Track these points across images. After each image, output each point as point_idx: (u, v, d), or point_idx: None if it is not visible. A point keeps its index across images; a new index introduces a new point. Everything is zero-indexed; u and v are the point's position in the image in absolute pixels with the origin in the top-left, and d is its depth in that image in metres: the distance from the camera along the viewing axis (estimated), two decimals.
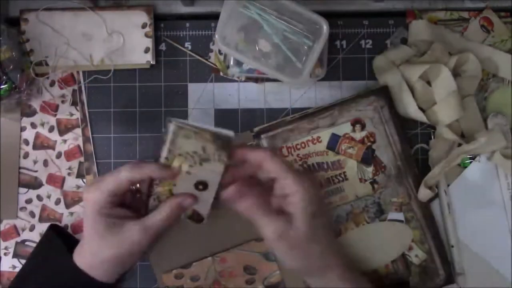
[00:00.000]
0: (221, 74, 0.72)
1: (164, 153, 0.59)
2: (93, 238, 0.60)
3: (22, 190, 0.72)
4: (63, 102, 0.72)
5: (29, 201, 0.72)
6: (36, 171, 0.72)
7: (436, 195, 0.69)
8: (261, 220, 0.58)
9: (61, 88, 0.72)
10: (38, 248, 0.67)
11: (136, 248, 0.60)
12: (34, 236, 0.71)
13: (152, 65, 0.71)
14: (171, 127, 0.58)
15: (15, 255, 0.71)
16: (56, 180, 0.72)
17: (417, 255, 0.69)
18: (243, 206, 0.59)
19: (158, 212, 0.60)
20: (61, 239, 0.65)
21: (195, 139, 0.57)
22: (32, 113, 0.72)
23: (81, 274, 0.61)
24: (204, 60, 0.72)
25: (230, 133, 0.57)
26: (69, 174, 0.72)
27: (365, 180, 0.69)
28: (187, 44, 0.72)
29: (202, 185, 0.60)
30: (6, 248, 0.71)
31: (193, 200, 0.60)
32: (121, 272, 0.64)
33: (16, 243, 0.71)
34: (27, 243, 0.71)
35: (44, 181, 0.72)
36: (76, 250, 0.63)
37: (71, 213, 0.71)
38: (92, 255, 0.61)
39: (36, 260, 0.65)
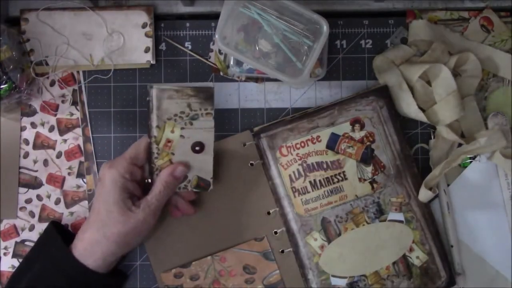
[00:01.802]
0: (221, 74, 0.72)
1: (153, 122, 0.62)
2: (100, 212, 0.62)
3: (22, 190, 0.72)
4: (63, 102, 0.72)
5: (29, 200, 0.72)
6: (36, 171, 0.72)
7: (436, 195, 0.69)
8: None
9: (61, 88, 0.72)
10: (36, 242, 0.67)
11: (140, 226, 0.62)
12: (33, 236, 0.71)
13: (152, 65, 0.71)
14: (154, 92, 0.61)
15: (15, 255, 0.71)
16: (56, 180, 0.72)
17: (418, 257, 0.69)
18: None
19: (155, 186, 0.63)
20: (61, 234, 0.65)
21: (179, 98, 0.60)
22: (32, 113, 0.72)
23: (75, 263, 0.62)
24: (204, 60, 0.72)
25: (210, 84, 0.61)
26: (69, 173, 0.72)
27: (365, 180, 0.69)
28: (187, 44, 0.72)
29: (198, 146, 0.62)
30: (5, 248, 0.71)
31: (183, 167, 0.63)
32: (116, 257, 0.64)
33: (16, 243, 0.71)
34: (26, 243, 0.71)
35: (44, 181, 0.72)
36: (76, 236, 0.64)
37: (71, 213, 0.71)
38: (96, 231, 0.62)
39: (33, 253, 0.66)
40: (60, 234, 0.65)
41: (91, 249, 0.62)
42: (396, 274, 0.69)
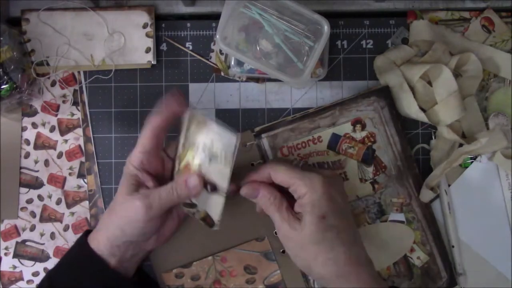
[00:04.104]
0: (222, 74, 0.72)
1: (182, 139, 0.61)
2: (112, 202, 0.62)
3: (23, 190, 0.72)
4: (64, 102, 0.72)
5: (30, 201, 0.72)
6: (37, 171, 0.72)
7: (437, 196, 0.69)
8: (273, 217, 0.58)
9: (62, 88, 0.72)
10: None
11: (133, 214, 0.59)
12: (34, 236, 0.71)
13: (153, 65, 0.71)
14: (187, 113, 0.60)
15: (16, 255, 0.71)
16: (57, 180, 0.72)
17: (419, 257, 0.69)
18: (259, 202, 0.59)
19: (163, 188, 0.60)
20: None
21: (205, 129, 0.58)
22: (33, 113, 0.72)
23: (88, 250, 0.61)
24: (205, 60, 0.72)
25: (233, 137, 0.56)
26: (70, 174, 0.72)
27: (366, 180, 0.69)
28: (188, 44, 0.72)
29: (211, 186, 0.60)
30: (6, 248, 0.71)
31: (198, 178, 0.59)
32: (119, 244, 0.60)
33: (17, 243, 0.71)
34: (27, 243, 0.71)
35: (45, 181, 0.72)
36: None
37: (72, 213, 0.71)
38: (108, 208, 0.62)
39: (63, 257, 0.66)
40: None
41: (100, 223, 0.62)
42: (397, 274, 0.69)
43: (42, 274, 0.71)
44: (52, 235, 0.71)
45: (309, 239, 0.55)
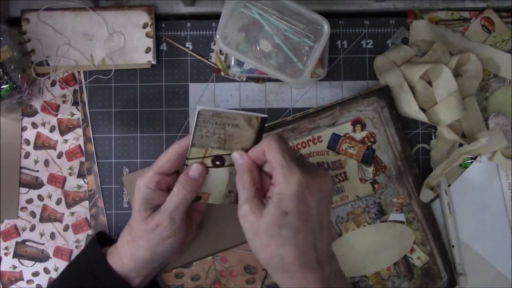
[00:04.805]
0: (222, 74, 0.72)
1: (193, 137, 0.57)
2: (131, 218, 0.61)
3: (23, 190, 0.72)
4: (64, 102, 0.72)
5: (30, 201, 0.72)
6: (37, 171, 0.72)
7: (437, 196, 0.69)
8: (239, 192, 0.56)
9: (62, 88, 0.72)
10: (78, 254, 0.67)
11: (158, 233, 0.59)
12: (34, 236, 0.71)
13: (153, 65, 0.71)
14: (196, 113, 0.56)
15: (16, 255, 0.71)
16: (57, 180, 0.72)
17: (419, 257, 0.69)
18: (237, 171, 0.57)
19: (171, 194, 0.59)
20: (106, 242, 0.65)
21: (224, 117, 0.56)
22: (33, 113, 0.72)
23: (112, 273, 0.61)
24: (205, 60, 0.72)
25: (261, 115, 0.56)
26: (70, 174, 0.72)
27: (366, 180, 0.69)
28: (188, 44, 0.72)
29: (219, 161, 0.58)
30: (6, 248, 0.71)
31: (200, 165, 0.58)
32: (147, 264, 0.62)
33: (17, 243, 0.71)
34: (27, 243, 0.71)
35: (45, 181, 0.72)
36: (109, 250, 0.63)
37: (72, 213, 0.71)
38: (128, 233, 0.61)
39: (73, 264, 0.66)
40: (105, 242, 0.65)
41: (122, 248, 0.61)
42: (397, 274, 0.69)
43: (42, 274, 0.71)
44: (52, 235, 0.71)
45: (264, 228, 0.53)
